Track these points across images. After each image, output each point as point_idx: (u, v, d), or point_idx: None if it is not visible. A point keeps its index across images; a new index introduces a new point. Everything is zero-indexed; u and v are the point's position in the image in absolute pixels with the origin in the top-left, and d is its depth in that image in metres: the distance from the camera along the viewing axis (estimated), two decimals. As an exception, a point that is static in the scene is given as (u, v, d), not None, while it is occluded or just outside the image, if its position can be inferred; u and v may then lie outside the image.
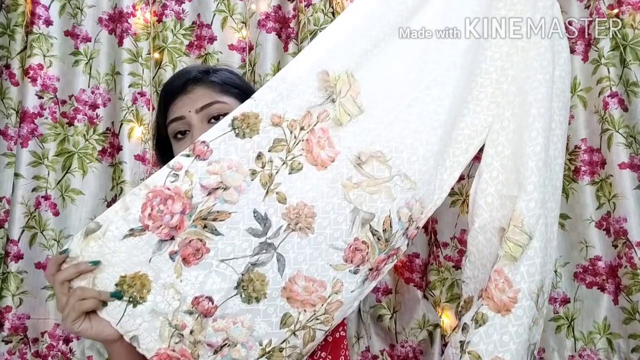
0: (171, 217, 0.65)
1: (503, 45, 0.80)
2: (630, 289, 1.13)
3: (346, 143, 0.72)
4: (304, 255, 0.70)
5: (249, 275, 0.67)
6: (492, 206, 0.78)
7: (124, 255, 0.64)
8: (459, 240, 1.28)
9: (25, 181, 1.30)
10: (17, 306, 1.27)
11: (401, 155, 0.73)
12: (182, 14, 1.39)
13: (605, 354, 1.18)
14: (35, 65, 1.32)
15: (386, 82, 0.74)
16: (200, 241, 0.66)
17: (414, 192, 0.74)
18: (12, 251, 1.27)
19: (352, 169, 0.72)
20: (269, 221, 0.68)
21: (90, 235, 0.64)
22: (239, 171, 0.68)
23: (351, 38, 0.72)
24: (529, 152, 0.74)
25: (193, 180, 0.66)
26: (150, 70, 1.37)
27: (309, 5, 1.33)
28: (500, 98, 0.80)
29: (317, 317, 0.70)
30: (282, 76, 0.71)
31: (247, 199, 0.68)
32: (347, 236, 0.71)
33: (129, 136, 1.33)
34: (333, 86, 0.71)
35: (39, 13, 1.34)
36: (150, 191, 0.65)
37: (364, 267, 0.72)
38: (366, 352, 1.31)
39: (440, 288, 1.28)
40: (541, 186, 0.74)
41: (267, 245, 0.68)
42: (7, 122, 1.34)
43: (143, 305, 0.64)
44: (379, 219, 0.72)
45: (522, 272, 0.72)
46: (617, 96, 1.19)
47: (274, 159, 0.69)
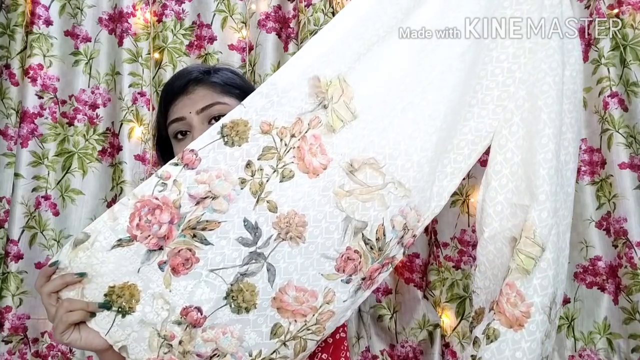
0: (159, 227, 0.65)
1: (509, 46, 0.77)
2: (631, 289, 1.13)
3: (339, 150, 0.70)
4: (294, 265, 0.69)
5: (239, 285, 0.67)
6: (502, 215, 0.75)
7: (113, 266, 0.64)
8: (459, 240, 1.28)
9: (25, 181, 1.30)
10: (17, 306, 1.27)
11: (395, 162, 0.72)
12: (182, 14, 1.39)
13: (605, 354, 1.18)
14: (35, 65, 1.32)
15: (381, 86, 0.72)
16: (190, 251, 0.66)
17: (409, 199, 0.72)
18: (12, 251, 1.27)
19: (344, 176, 0.70)
20: (260, 230, 0.68)
21: (79, 246, 0.64)
22: (228, 180, 0.67)
23: (343, 42, 0.71)
24: (539, 159, 0.71)
25: (181, 189, 0.65)
26: (150, 70, 1.37)
27: (309, 5, 1.33)
28: (507, 101, 0.77)
29: (308, 327, 0.69)
30: (273, 82, 0.69)
31: (237, 207, 0.67)
32: (339, 245, 0.70)
33: (129, 136, 1.33)
34: (325, 92, 0.70)
35: (39, 13, 1.34)
36: (139, 201, 0.65)
37: (356, 276, 0.71)
38: (366, 352, 1.31)
39: (440, 288, 1.28)
40: (553, 195, 0.71)
41: (257, 255, 0.67)
42: (7, 122, 1.34)
43: (132, 316, 0.64)
44: (371, 228, 0.71)
45: (534, 285, 0.69)
46: (617, 96, 1.19)
47: (264, 167, 0.68)
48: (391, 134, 0.72)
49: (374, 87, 0.72)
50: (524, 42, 0.75)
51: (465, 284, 1.26)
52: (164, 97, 0.81)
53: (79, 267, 0.63)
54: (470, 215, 1.26)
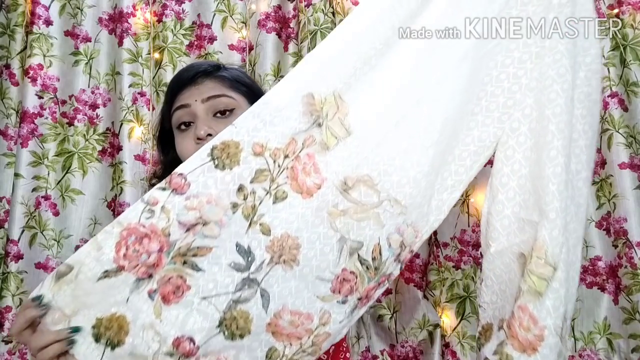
0: (148, 256, 0.62)
1: (515, 50, 0.73)
2: (630, 289, 1.13)
3: (332, 168, 0.67)
4: (289, 289, 0.66)
5: (232, 313, 0.64)
6: (510, 230, 0.72)
7: (100, 296, 0.60)
8: (459, 240, 1.28)
9: (25, 181, 1.30)
10: (17, 306, 1.27)
11: (390, 178, 0.69)
12: (182, 14, 1.39)
13: (605, 354, 1.18)
14: (35, 65, 1.32)
15: (376, 100, 0.69)
16: (181, 278, 0.63)
17: (405, 217, 0.69)
18: (12, 251, 1.27)
19: (338, 195, 0.67)
20: (253, 254, 0.65)
21: (62, 279, 0.60)
22: (219, 205, 0.64)
23: (339, 57, 0.68)
24: (548, 174, 0.68)
25: (170, 216, 0.62)
26: (150, 70, 1.37)
27: (309, 5, 1.33)
28: (514, 109, 0.73)
29: (303, 349, 0.67)
30: (266, 100, 0.66)
31: (229, 232, 0.64)
32: (335, 267, 0.67)
33: (129, 136, 1.33)
34: (319, 110, 0.67)
35: (39, 13, 1.34)
36: (125, 229, 0.61)
37: (352, 297, 0.68)
38: (366, 352, 1.31)
39: (440, 288, 1.28)
40: (563, 211, 0.68)
41: (250, 281, 0.65)
42: (7, 122, 1.34)
43: (121, 348, 0.61)
44: (367, 248, 0.68)
45: (547, 307, 0.66)
46: (617, 96, 1.19)
47: (257, 190, 0.65)
48: (385, 150, 0.69)
49: (368, 102, 0.69)
50: (530, 47, 0.72)
51: (465, 284, 1.26)
52: (171, 87, 0.81)
53: (65, 300, 0.60)
54: (470, 215, 1.26)
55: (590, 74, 0.74)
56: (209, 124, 0.75)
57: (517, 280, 0.70)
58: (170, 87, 0.81)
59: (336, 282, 0.68)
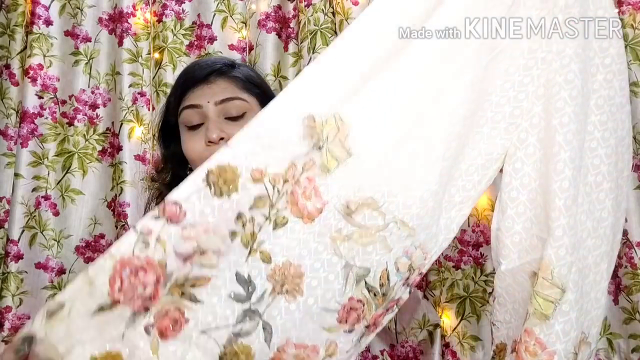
0: (144, 289, 0.58)
1: (519, 57, 0.69)
2: (630, 289, 1.13)
3: (334, 191, 0.64)
4: (292, 321, 0.62)
5: (233, 347, 0.60)
6: (521, 247, 0.68)
7: (95, 332, 0.57)
8: (459, 241, 1.28)
9: (25, 181, 1.30)
10: (17, 306, 1.27)
11: (395, 200, 0.65)
12: (182, 14, 1.39)
13: (605, 354, 1.18)
14: (35, 65, 1.32)
15: (377, 119, 0.66)
16: (179, 310, 0.59)
17: (413, 239, 0.66)
18: (12, 251, 1.27)
19: (340, 219, 0.64)
20: (253, 284, 0.62)
21: (54, 316, 0.57)
22: (217, 234, 0.60)
23: (338, 74, 0.64)
24: (555, 188, 0.64)
25: (166, 248, 0.58)
26: (151, 71, 1.37)
27: (309, 5, 1.32)
28: (521, 119, 0.69)
29: None
30: (262, 120, 0.62)
31: (228, 261, 0.61)
32: (341, 296, 0.64)
33: (129, 136, 1.33)
34: (320, 132, 0.63)
35: (39, 13, 1.34)
36: (118, 262, 0.57)
37: (359, 325, 0.65)
38: (366, 352, 1.31)
39: (440, 288, 1.28)
40: (572, 228, 0.64)
41: (252, 312, 0.61)
42: (7, 122, 1.34)
43: None
44: (374, 274, 0.65)
45: (556, 331, 0.62)
46: (617, 96, 1.18)
47: (256, 216, 0.62)
48: (386, 170, 0.66)
49: (369, 121, 0.66)
50: (536, 52, 0.68)
51: (465, 284, 1.26)
52: (182, 82, 0.80)
53: (58, 337, 0.57)
54: (470, 215, 1.26)
55: (611, 76, 0.69)
56: (221, 126, 0.74)
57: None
58: (181, 82, 0.80)
59: (343, 312, 0.64)
